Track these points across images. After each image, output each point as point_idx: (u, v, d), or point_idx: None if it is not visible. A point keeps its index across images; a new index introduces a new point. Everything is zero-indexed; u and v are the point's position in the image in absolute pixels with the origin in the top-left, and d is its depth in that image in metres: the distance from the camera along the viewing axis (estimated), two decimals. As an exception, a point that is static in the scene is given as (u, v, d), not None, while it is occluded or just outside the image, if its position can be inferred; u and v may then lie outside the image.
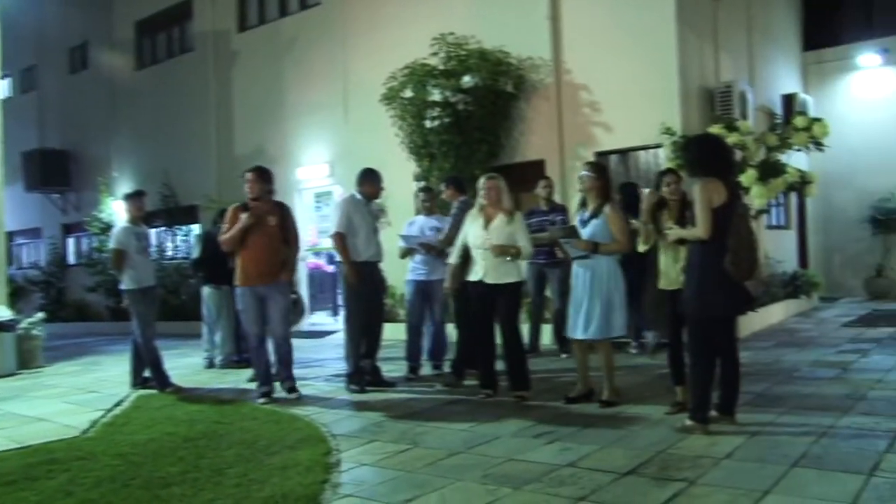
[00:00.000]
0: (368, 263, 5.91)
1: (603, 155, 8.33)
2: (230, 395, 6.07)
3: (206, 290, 7.70)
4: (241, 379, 6.74)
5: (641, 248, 4.65)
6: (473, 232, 5.30)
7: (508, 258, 5.17)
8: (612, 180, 5.11)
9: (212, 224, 8.11)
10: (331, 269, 11.32)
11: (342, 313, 6.24)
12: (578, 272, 4.93)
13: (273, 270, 5.57)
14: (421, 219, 6.67)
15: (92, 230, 14.01)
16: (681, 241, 4.33)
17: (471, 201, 5.71)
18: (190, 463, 3.98)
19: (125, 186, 12.86)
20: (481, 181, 5.35)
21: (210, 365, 7.74)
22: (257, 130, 12.05)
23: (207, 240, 7.67)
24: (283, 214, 5.70)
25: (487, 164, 8.59)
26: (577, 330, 4.89)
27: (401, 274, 6.82)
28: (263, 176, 5.73)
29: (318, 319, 11.14)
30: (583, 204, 5.01)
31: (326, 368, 7.24)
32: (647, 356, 6.78)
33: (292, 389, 5.78)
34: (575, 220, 5.07)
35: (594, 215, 4.88)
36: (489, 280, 5.21)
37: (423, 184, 8.37)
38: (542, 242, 6.01)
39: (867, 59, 11.74)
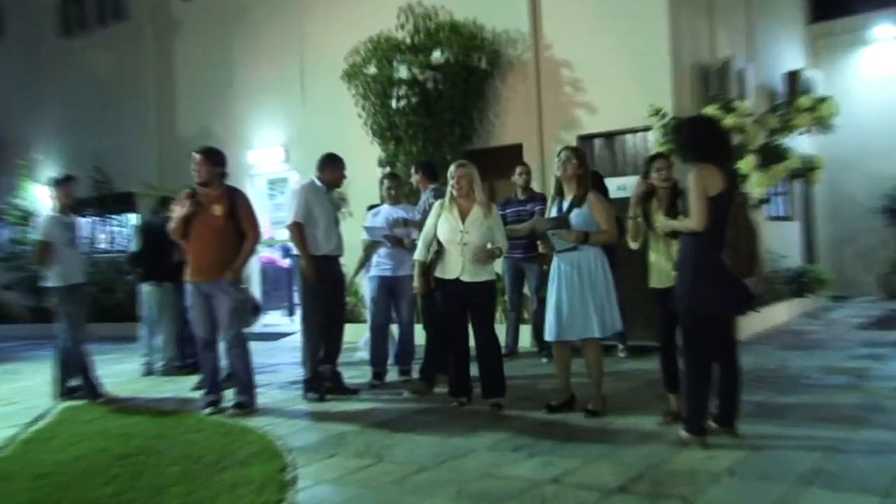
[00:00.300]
0: (328, 258, 5.92)
1: (587, 139, 8.37)
2: (172, 406, 6.00)
3: (145, 288, 7.59)
4: (184, 387, 6.66)
5: (632, 244, 4.68)
6: (447, 226, 5.32)
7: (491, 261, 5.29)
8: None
9: (151, 213, 7.98)
10: (286, 263, 11.25)
11: (298, 313, 6.24)
12: (562, 267, 4.94)
13: (215, 267, 5.48)
14: (386, 208, 6.67)
15: (9, 219, 13.64)
16: (673, 234, 4.35)
17: (443, 189, 5.72)
18: (125, 482, 3.89)
19: (50, 170, 12.52)
20: (451, 169, 5.37)
21: (149, 372, 7.62)
22: (203, 109, 11.89)
23: (147, 231, 7.57)
24: (236, 203, 5.59)
25: (459, 149, 8.63)
26: (567, 330, 4.89)
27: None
28: (213, 157, 5.63)
29: (271, 320, 11.05)
30: (559, 192, 5.06)
31: (281, 374, 7.19)
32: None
33: (241, 406, 5.57)
34: (551, 211, 5.13)
35: (576, 204, 4.93)
36: (465, 278, 5.25)
37: (388, 170, 8.36)
38: (520, 235, 6.10)
39: (882, 30, 11.49)
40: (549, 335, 4.97)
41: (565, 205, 4.99)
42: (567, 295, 4.89)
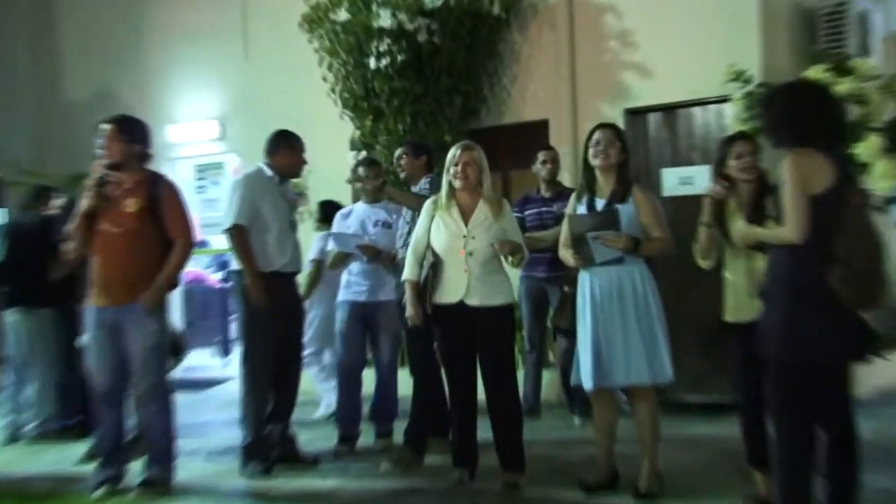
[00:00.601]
0: (282, 275, 5.96)
1: (637, 114, 8.35)
2: (47, 485, 5.91)
3: (10, 316, 7.40)
4: (69, 457, 6.58)
5: (702, 261, 4.75)
6: (444, 231, 5.37)
7: (511, 259, 5.32)
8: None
9: (22, 210, 7.82)
10: (219, 282, 11.22)
11: (237, 351, 6.23)
12: (597, 287, 5.02)
13: (126, 287, 5.45)
14: (361, 208, 6.72)
15: None
16: (758, 247, 4.35)
17: (438, 180, 5.75)
18: None
19: None
20: (452, 153, 5.41)
21: (15, 437, 7.43)
22: (101, 67, 11.85)
23: (15, 234, 7.48)
24: (159, 195, 5.57)
25: (462, 127, 8.60)
26: (608, 373, 4.93)
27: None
28: (128, 131, 5.62)
29: (197, 361, 11.02)
30: (589, 187, 5.20)
31: (210, 438, 7.16)
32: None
33: (153, 484, 5.51)
34: (575, 212, 5.24)
35: (616, 201, 5.07)
36: (472, 301, 5.27)
37: (364, 154, 8.32)
38: (544, 245, 6.27)
39: None
40: (586, 381, 5.01)
41: (599, 204, 5.12)
42: (607, 325, 4.96)
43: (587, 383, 4.99)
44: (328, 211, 7.59)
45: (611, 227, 4.93)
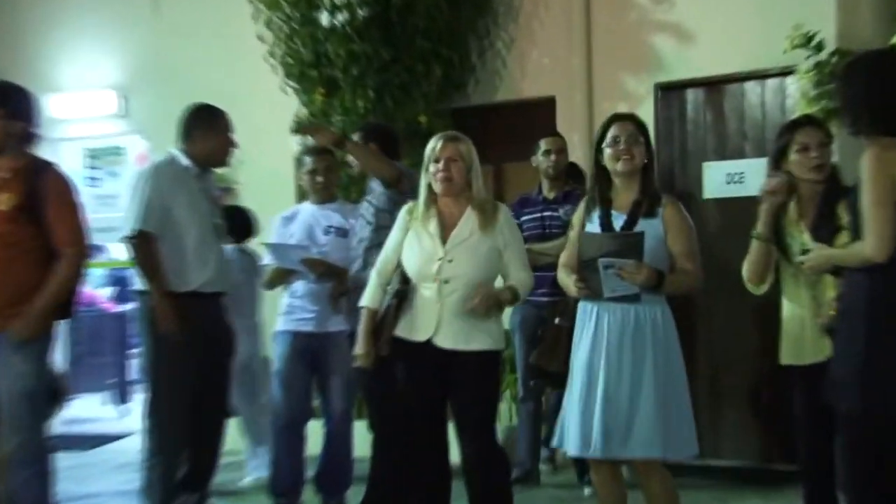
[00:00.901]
0: (203, 296, 5.94)
1: (671, 90, 8.34)
2: None
3: None
4: None
5: (754, 287, 4.78)
6: (416, 248, 5.38)
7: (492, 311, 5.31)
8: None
9: None
10: (116, 306, 11.14)
11: (140, 398, 6.28)
12: (606, 328, 4.97)
13: None
14: (308, 210, 6.74)
15: None
16: (834, 270, 4.36)
17: (414, 176, 5.73)
18: None
19: None
20: (432, 146, 5.39)
21: None
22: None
23: None
24: (40, 189, 5.51)
25: (442, 106, 8.61)
26: (610, 441, 4.88)
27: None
28: (6, 101, 5.61)
29: (84, 411, 10.96)
30: (602, 196, 5.19)
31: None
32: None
33: None
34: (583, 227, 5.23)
35: (641, 216, 5.04)
36: (443, 342, 5.27)
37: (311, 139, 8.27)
38: (547, 262, 6.34)
39: None
40: (571, 445, 5.02)
41: (616, 219, 5.10)
42: (610, 378, 4.91)
43: (572, 448, 5.01)
44: (236, 222, 7.55)
45: (631, 254, 4.84)
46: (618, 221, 5.05)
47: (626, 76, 8.47)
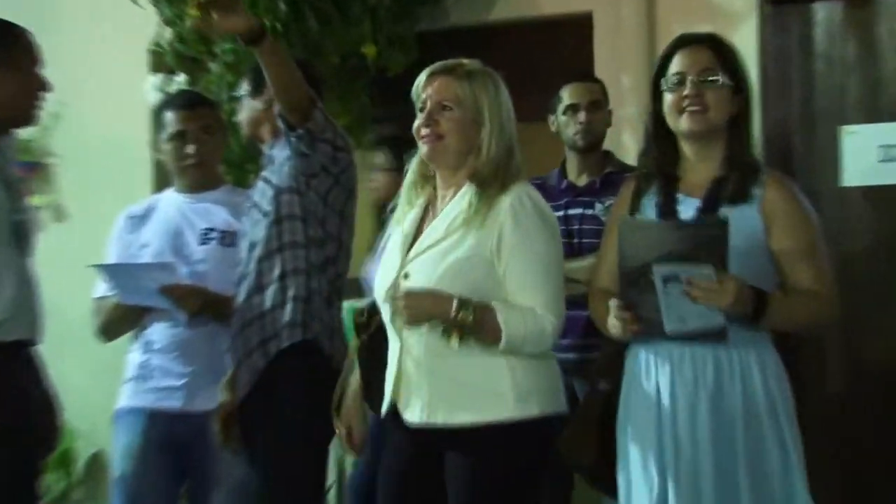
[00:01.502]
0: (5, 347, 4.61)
1: (789, 1, 6.83)
2: None
3: None
4: None
5: None
6: (386, 254, 4.48)
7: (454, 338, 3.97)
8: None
9: None
10: None
11: None
12: (668, 390, 3.91)
13: None
14: (173, 202, 5.20)
15: None
16: None
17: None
18: None
19: None
20: (417, 84, 4.16)
21: None
22: None
23: None
24: None
25: (402, 29, 6.99)
26: None
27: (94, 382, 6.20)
28: None
29: None
30: (662, 172, 4.16)
31: None
32: None
33: None
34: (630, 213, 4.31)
35: (726, 201, 3.98)
36: (410, 415, 4.05)
37: (180, 82, 6.86)
38: (577, 292, 4.85)
39: None
40: None
41: (684, 206, 3.96)
42: (682, 469, 3.88)
43: None
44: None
45: (710, 256, 3.68)
46: (687, 209, 3.92)
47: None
